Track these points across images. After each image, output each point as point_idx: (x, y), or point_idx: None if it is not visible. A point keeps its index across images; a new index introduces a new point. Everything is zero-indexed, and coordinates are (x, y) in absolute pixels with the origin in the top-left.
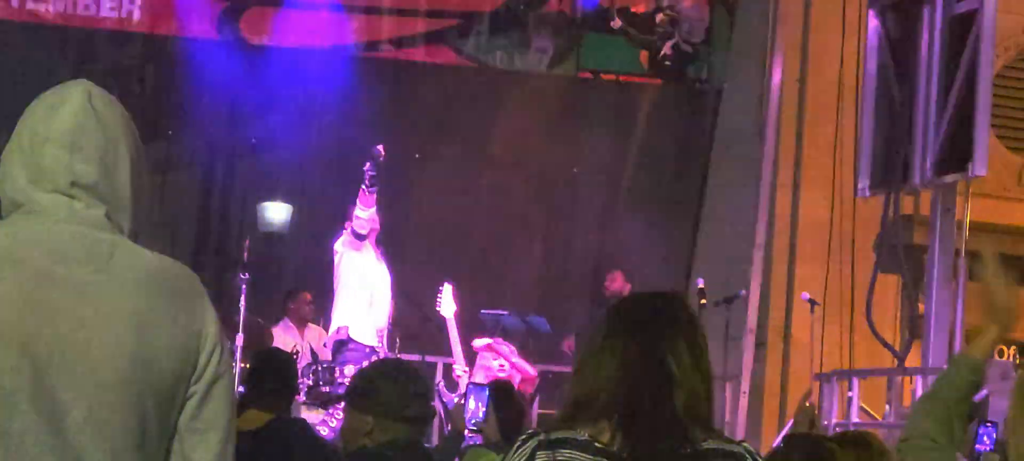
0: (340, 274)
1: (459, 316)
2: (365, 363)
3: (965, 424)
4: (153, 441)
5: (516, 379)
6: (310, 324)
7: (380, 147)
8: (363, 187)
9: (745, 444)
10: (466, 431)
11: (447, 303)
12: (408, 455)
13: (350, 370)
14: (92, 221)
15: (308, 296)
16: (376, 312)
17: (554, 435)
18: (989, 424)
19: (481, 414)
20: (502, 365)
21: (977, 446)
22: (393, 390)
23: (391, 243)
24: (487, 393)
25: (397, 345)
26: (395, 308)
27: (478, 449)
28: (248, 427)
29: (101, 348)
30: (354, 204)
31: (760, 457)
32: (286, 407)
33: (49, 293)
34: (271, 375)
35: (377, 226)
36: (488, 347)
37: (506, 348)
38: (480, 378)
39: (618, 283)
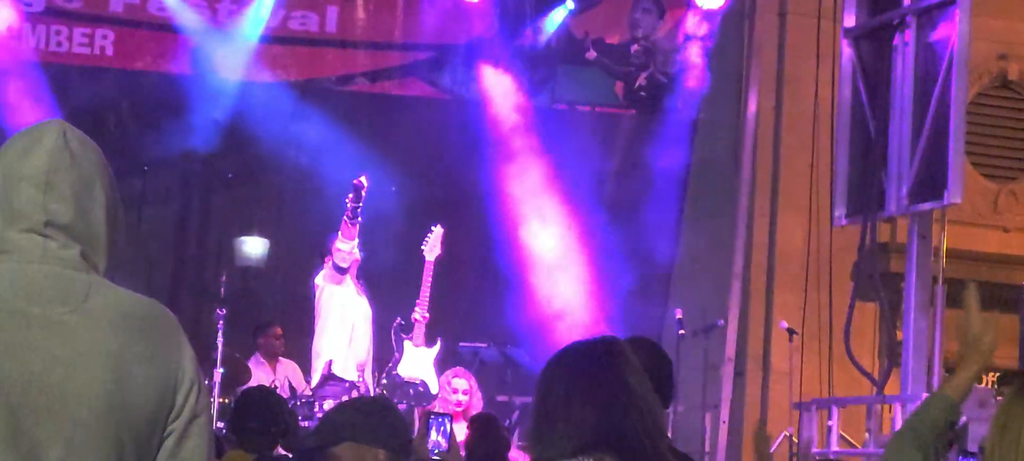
0: (321, 308)
1: (440, 260)
2: (345, 398)
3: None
4: None
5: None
6: (282, 359)
7: (362, 178)
8: (345, 219)
9: None
10: None
11: (432, 246)
12: None
13: (329, 405)
14: (67, 261)
15: (278, 330)
16: (357, 346)
17: None
18: (969, 456)
19: (443, 444)
20: (466, 390)
21: None
22: (400, 422)
23: (368, 276)
24: (446, 422)
25: (378, 379)
26: (375, 343)
27: None
28: None
29: (77, 387)
30: (334, 237)
31: None
32: (269, 447)
33: (24, 333)
34: (254, 414)
35: (358, 259)
36: (457, 373)
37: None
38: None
39: None
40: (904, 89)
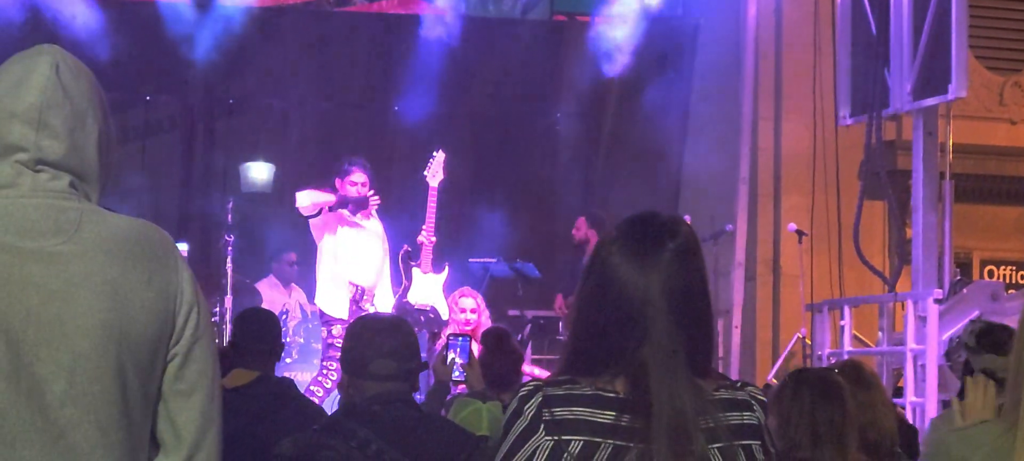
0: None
1: (442, 185)
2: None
3: None
4: (138, 408)
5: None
6: (294, 285)
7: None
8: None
9: (749, 388)
10: (450, 382)
11: (434, 171)
12: (393, 409)
13: (338, 329)
14: (57, 191)
15: (292, 256)
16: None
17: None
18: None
19: (459, 364)
20: (473, 308)
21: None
22: (357, 348)
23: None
24: (466, 343)
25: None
26: (392, 265)
27: (463, 399)
28: (234, 385)
29: (75, 319)
30: (348, 169)
31: (762, 399)
32: (271, 365)
33: (19, 268)
34: (252, 334)
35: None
36: (464, 293)
37: (480, 301)
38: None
39: (582, 230)
40: None
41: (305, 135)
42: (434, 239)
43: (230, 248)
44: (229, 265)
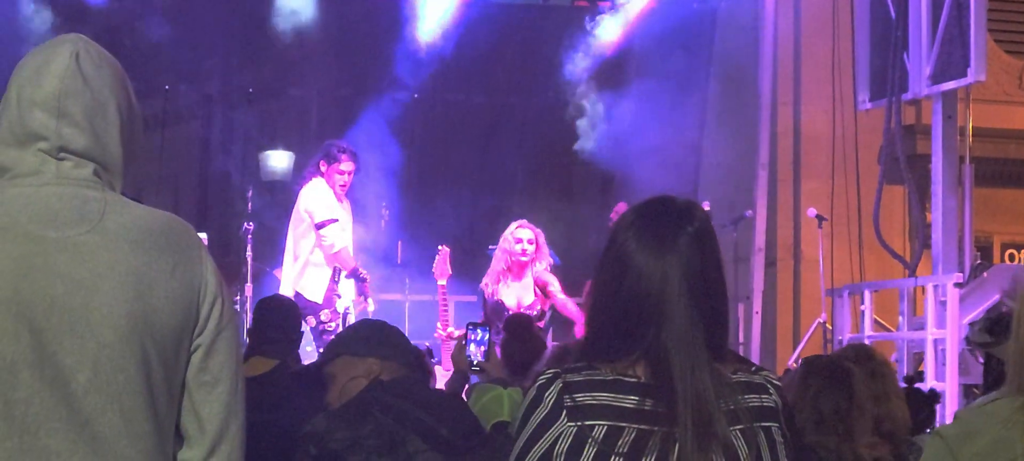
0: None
1: (450, 281)
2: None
3: None
4: (162, 398)
5: (548, 264)
6: None
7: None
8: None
9: (764, 372)
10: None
11: (441, 269)
12: (419, 390)
13: (326, 314)
14: (81, 180)
15: None
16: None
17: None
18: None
19: (481, 354)
20: (531, 239)
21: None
22: (396, 334)
23: (397, 182)
24: (484, 333)
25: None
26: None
27: (484, 385)
28: (252, 373)
29: (99, 308)
30: (340, 157)
31: (778, 383)
32: (290, 353)
33: (42, 257)
34: (272, 322)
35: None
36: (522, 225)
37: (539, 235)
38: (501, 262)
39: None
40: None
41: (324, 123)
42: (447, 332)
43: (249, 236)
44: (248, 253)
